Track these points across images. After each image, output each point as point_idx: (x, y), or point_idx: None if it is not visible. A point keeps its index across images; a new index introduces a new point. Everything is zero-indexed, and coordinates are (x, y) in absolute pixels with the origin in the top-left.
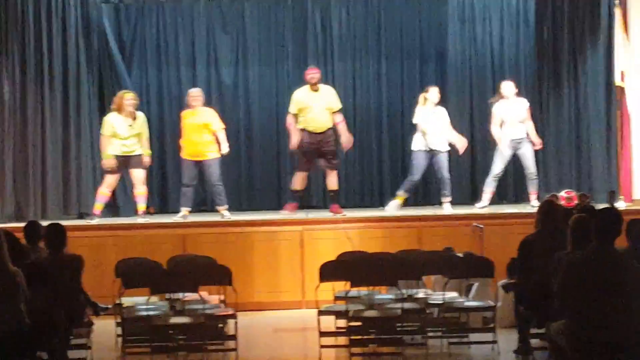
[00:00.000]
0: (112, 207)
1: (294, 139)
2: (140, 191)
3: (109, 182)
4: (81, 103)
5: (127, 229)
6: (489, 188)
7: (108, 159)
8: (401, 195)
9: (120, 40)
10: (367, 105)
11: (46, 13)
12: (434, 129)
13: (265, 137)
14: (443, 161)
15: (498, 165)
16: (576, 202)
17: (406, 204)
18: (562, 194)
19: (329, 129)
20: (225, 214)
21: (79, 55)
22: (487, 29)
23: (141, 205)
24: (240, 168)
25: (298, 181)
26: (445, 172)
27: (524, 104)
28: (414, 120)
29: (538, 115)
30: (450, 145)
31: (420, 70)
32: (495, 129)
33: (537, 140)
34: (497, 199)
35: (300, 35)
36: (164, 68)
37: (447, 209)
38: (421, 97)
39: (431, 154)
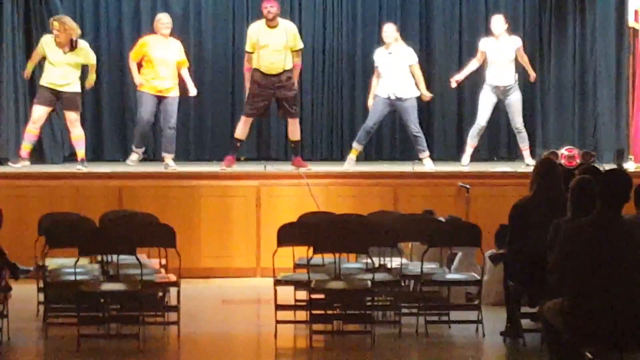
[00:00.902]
0: (37, 152)
1: (248, 84)
2: (77, 134)
3: (37, 116)
4: (3, 33)
5: (53, 178)
6: (470, 141)
7: (27, 71)
8: (355, 147)
9: None
10: (339, 46)
11: None
12: (393, 72)
13: (219, 77)
14: (409, 111)
15: (482, 114)
16: (578, 161)
17: (381, 157)
18: (563, 151)
19: (286, 70)
20: (170, 163)
21: None
22: None
23: (80, 151)
24: (188, 112)
25: (241, 128)
26: (412, 125)
27: (515, 42)
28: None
29: (537, 59)
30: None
31: (402, 3)
32: (473, 66)
33: (533, 74)
34: (487, 155)
35: None
36: None
37: (428, 164)
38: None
39: (392, 102)
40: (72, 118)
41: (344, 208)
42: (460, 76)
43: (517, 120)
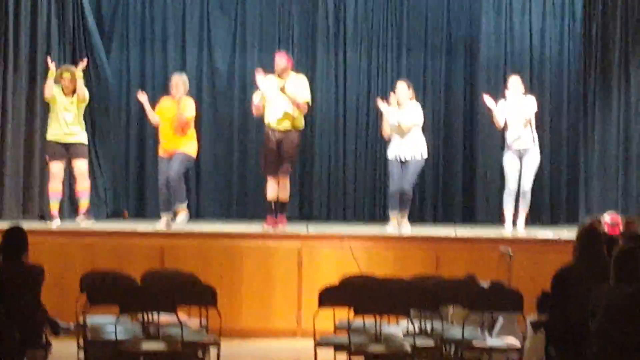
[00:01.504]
0: (75, 207)
1: None
2: (84, 186)
3: (53, 173)
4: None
5: (95, 235)
6: (506, 207)
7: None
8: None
9: (99, 13)
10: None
11: None
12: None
13: (263, 134)
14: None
15: (509, 178)
16: (621, 228)
17: (423, 219)
18: (606, 218)
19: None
20: (180, 217)
21: (50, 30)
22: (527, 21)
23: (83, 202)
24: (231, 170)
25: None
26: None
27: (531, 102)
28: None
29: (581, 124)
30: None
31: (447, 66)
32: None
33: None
34: (529, 220)
35: (309, 17)
36: (148, 48)
37: (390, 227)
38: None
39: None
40: (82, 169)
41: (385, 270)
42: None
43: (527, 182)
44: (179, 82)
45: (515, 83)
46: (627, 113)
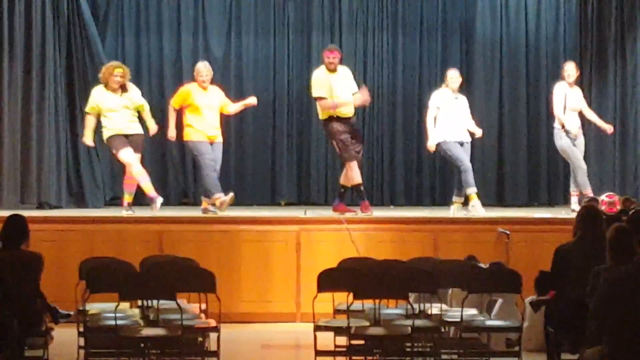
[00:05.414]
0: (78, 195)
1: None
2: (131, 179)
3: (130, 160)
4: (45, 76)
5: (94, 222)
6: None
7: (87, 138)
8: (471, 192)
9: (93, 1)
10: (379, 88)
11: None
12: (459, 116)
13: (260, 120)
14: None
15: (578, 158)
16: (619, 207)
17: (421, 203)
18: (603, 197)
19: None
20: (210, 208)
21: (45, 18)
22: (522, 1)
23: (128, 196)
24: (229, 156)
25: (354, 173)
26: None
27: (579, 91)
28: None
29: None
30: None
31: (443, 46)
32: (558, 111)
33: (607, 126)
34: (527, 201)
35: (304, 1)
36: (143, 35)
37: (453, 209)
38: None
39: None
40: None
41: (384, 254)
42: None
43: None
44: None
45: (570, 69)
46: (623, 92)
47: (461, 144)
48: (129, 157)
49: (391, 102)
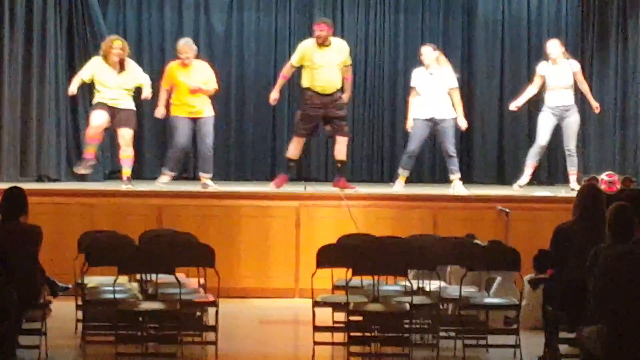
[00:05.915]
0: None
1: (276, 93)
2: (127, 154)
3: (96, 121)
4: (46, 48)
5: (93, 195)
6: (530, 161)
7: (72, 88)
8: (402, 173)
9: None
10: (381, 66)
11: None
12: (433, 93)
13: (261, 96)
14: (447, 132)
15: (541, 135)
16: (619, 186)
17: (421, 180)
18: (603, 177)
19: (338, 89)
20: (208, 183)
21: None
22: None
23: (126, 170)
24: (229, 131)
25: (294, 148)
26: (449, 145)
27: (573, 66)
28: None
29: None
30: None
31: (444, 25)
32: (532, 91)
33: (595, 104)
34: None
35: None
36: (144, 10)
37: (457, 187)
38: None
39: (432, 124)
40: (128, 136)
41: (384, 230)
42: (519, 102)
43: (571, 143)
44: (188, 49)
45: (553, 46)
46: (624, 73)
47: (432, 121)
48: (94, 118)
49: (392, 80)
